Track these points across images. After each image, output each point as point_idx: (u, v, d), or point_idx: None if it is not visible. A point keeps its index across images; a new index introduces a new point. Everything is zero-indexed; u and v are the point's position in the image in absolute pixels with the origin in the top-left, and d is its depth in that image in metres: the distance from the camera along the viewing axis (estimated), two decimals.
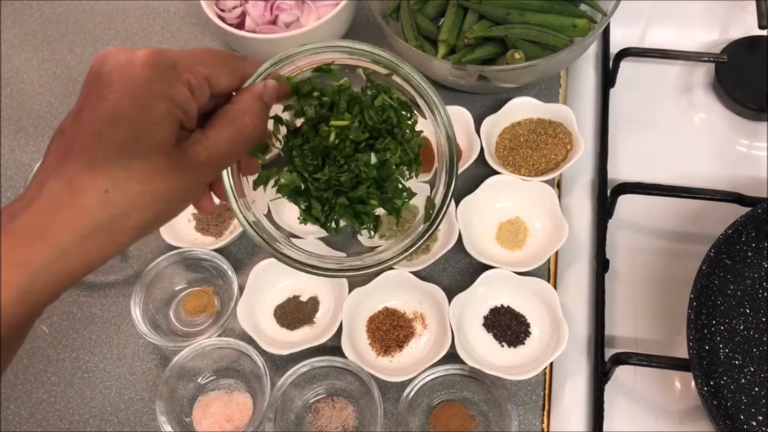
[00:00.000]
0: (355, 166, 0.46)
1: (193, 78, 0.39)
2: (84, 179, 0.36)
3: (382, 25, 0.77)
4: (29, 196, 0.37)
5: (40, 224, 0.36)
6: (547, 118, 0.77)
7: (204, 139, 0.40)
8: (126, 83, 0.37)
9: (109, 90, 0.37)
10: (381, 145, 0.47)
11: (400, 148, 0.48)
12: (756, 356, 0.62)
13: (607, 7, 0.76)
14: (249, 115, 0.42)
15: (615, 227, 0.73)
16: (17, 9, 0.97)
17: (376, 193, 0.47)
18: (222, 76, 0.42)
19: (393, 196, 0.49)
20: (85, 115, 0.37)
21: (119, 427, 0.68)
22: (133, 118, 0.37)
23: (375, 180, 0.47)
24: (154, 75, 0.37)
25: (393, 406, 0.65)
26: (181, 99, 0.38)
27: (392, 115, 0.48)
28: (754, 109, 0.77)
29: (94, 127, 0.37)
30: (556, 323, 0.65)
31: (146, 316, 0.70)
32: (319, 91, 0.48)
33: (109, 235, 0.37)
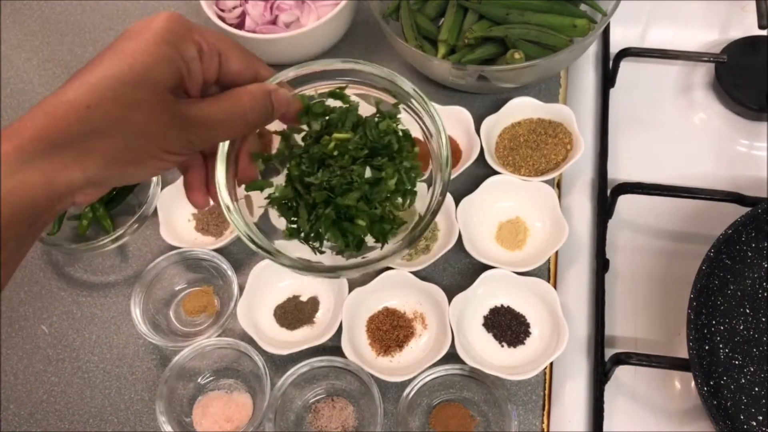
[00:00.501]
0: (348, 173, 0.46)
1: (205, 43, 0.40)
2: (71, 93, 0.37)
3: (382, 25, 0.77)
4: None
5: (18, 129, 0.36)
6: (547, 118, 0.77)
7: (199, 101, 0.41)
8: (141, 30, 0.38)
9: (126, 36, 0.38)
10: (378, 162, 0.47)
11: (396, 174, 0.48)
12: (756, 356, 0.62)
13: (607, 7, 0.76)
14: (250, 96, 0.42)
15: (615, 227, 0.73)
16: (17, 9, 0.97)
17: (365, 209, 0.47)
18: (233, 59, 0.43)
19: (383, 218, 0.48)
20: (99, 54, 0.39)
21: (119, 427, 0.68)
22: (135, 54, 0.37)
23: (366, 195, 0.47)
24: (168, 26, 0.38)
25: (393, 406, 0.65)
26: (186, 54, 0.39)
27: (393, 140, 0.48)
28: (754, 109, 0.77)
29: (101, 59, 0.38)
30: (556, 323, 0.65)
31: (146, 316, 0.70)
32: (328, 113, 0.49)
33: (78, 152, 0.36)
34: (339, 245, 0.49)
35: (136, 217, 0.74)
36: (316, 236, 0.49)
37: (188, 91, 0.41)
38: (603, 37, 0.84)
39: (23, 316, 0.74)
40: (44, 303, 0.75)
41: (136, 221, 0.74)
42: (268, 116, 0.44)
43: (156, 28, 0.38)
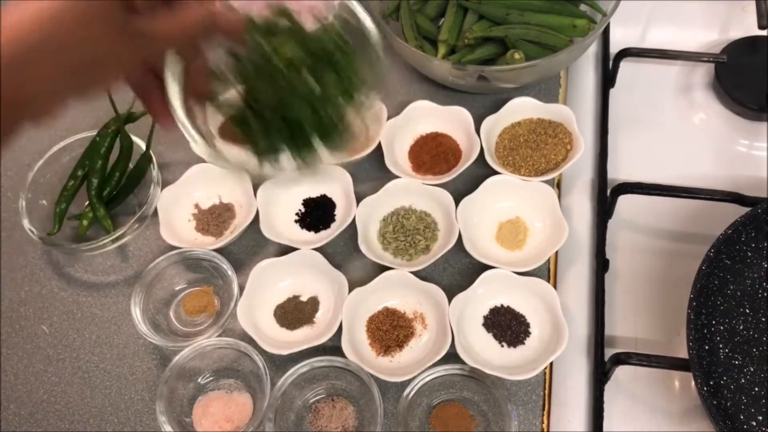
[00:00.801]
0: (294, 86, 0.48)
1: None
2: (30, 6, 0.38)
3: (382, 25, 0.77)
4: None
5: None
6: (547, 118, 0.77)
7: (147, 17, 0.42)
8: None
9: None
10: (320, 74, 0.49)
11: (340, 81, 0.50)
12: (756, 356, 0.62)
13: (607, 7, 0.76)
14: (196, 14, 0.44)
15: (615, 227, 0.73)
16: None
17: (314, 118, 0.49)
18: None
19: (333, 123, 0.50)
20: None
21: (119, 427, 0.68)
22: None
23: (313, 106, 0.49)
24: None
25: (393, 406, 0.65)
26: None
27: (338, 55, 0.50)
28: (754, 109, 0.77)
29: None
30: (555, 323, 0.65)
31: (146, 316, 0.70)
32: (274, 31, 0.50)
33: (36, 63, 0.37)
34: (294, 157, 0.50)
35: (136, 217, 0.74)
36: (272, 149, 0.50)
37: (135, 4, 0.42)
38: (603, 38, 0.85)
39: (23, 316, 0.74)
40: (44, 303, 0.75)
41: (136, 221, 0.74)
42: (209, 32, 0.45)
43: None
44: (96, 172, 0.77)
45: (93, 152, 0.77)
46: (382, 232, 0.73)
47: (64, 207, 0.77)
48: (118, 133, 0.78)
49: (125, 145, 0.79)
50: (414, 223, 0.72)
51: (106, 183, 0.78)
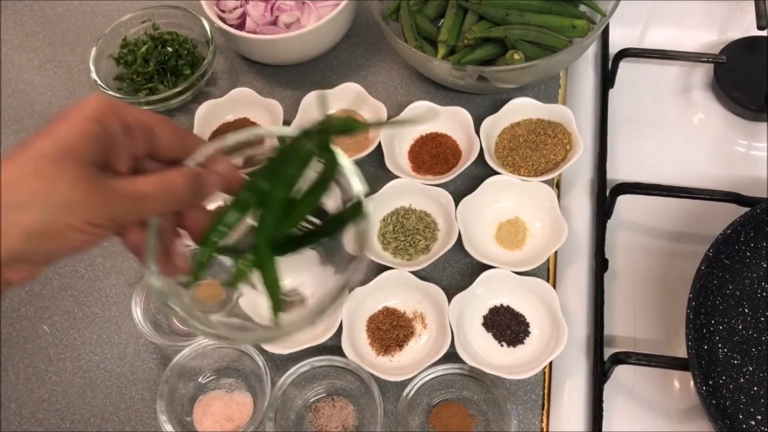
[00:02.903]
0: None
1: (133, 121, 0.41)
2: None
3: (382, 25, 0.77)
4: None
5: None
6: (546, 118, 0.77)
7: (128, 177, 0.41)
8: (68, 112, 0.39)
9: (54, 119, 0.39)
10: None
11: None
12: (755, 356, 0.62)
13: (607, 8, 0.76)
14: (180, 174, 0.42)
15: (614, 227, 0.73)
16: (17, 9, 0.97)
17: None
18: (165, 136, 0.43)
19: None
20: (27, 138, 0.39)
21: (120, 426, 0.68)
22: (60, 131, 0.38)
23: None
24: (94, 105, 0.39)
25: (393, 406, 0.65)
26: (113, 128, 0.40)
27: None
28: (753, 110, 0.77)
29: (28, 141, 0.38)
30: (555, 323, 0.66)
31: (147, 316, 0.70)
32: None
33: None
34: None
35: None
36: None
37: (117, 167, 0.41)
38: (602, 38, 0.85)
39: (24, 315, 0.74)
40: (45, 302, 0.75)
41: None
42: (197, 193, 0.44)
43: (83, 108, 0.39)
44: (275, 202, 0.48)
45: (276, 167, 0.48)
46: (382, 231, 0.73)
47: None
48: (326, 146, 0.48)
49: (329, 163, 0.47)
50: (414, 223, 0.72)
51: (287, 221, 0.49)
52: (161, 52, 0.85)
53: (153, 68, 0.84)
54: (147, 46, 0.86)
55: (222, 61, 0.90)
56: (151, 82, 0.85)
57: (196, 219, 0.46)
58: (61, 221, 0.37)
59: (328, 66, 0.87)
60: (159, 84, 0.84)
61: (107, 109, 0.40)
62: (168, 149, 0.44)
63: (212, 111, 0.81)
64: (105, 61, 0.86)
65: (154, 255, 0.45)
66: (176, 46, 0.86)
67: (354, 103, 0.71)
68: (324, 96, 0.46)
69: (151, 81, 0.85)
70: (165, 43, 0.87)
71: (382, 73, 0.86)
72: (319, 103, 0.46)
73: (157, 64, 0.85)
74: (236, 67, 0.89)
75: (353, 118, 0.46)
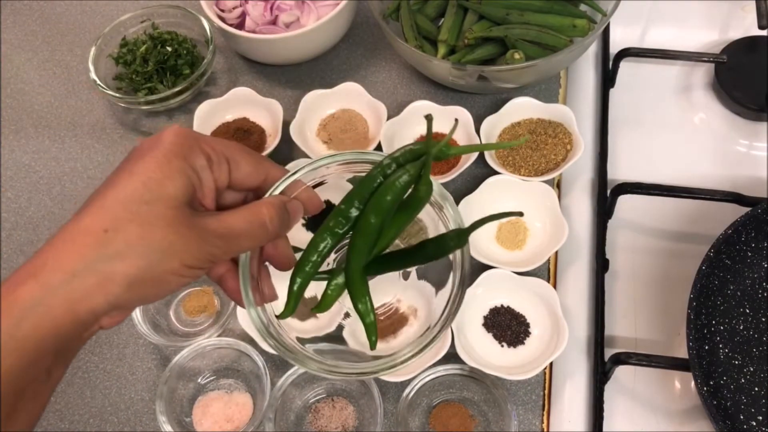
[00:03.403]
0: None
1: (213, 152, 0.41)
2: (87, 219, 0.36)
3: (382, 25, 0.77)
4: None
5: (37, 263, 0.35)
6: (546, 118, 0.77)
7: (218, 214, 0.40)
8: (149, 147, 0.38)
9: (135, 155, 0.39)
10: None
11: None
12: (756, 356, 0.62)
13: (607, 8, 0.76)
14: (268, 205, 0.42)
15: (615, 227, 0.73)
16: (17, 9, 0.97)
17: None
18: (242, 163, 0.43)
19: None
20: (110, 177, 0.39)
21: (119, 427, 0.68)
22: (148, 172, 0.37)
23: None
24: (175, 140, 0.39)
25: (393, 406, 0.65)
26: (196, 163, 0.39)
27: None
28: (754, 109, 0.77)
29: (113, 181, 0.38)
30: (555, 323, 0.65)
31: (146, 316, 0.70)
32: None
33: (98, 277, 0.35)
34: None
35: None
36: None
37: (203, 201, 0.41)
38: (603, 38, 0.85)
39: None
40: None
41: None
42: (285, 224, 0.44)
43: (164, 143, 0.38)
44: (369, 229, 0.47)
45: (365, 190, 0.47)
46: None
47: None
48: (425, 178, 0.46)
49: (422, 191, 0.47)
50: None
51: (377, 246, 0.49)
52: (160, 51, 0.85)
53: (152, 68, 0.84)
54: (146, 45, 0.86)
55: (221, 60, 0.89)
56: (151, 82, 0.84)
57: (278, 248, 0.46)
58: (162, 267, 0.37)
59: (328, 66, 0.87)
60: (158, 84, 0.84)
61: (189, 142, 0.39)
62: (247, 178, 0.43)
63: (212, 110, 0.81)
64: (104, 60, 0.86)
65: (249, 290, 0.45)
66: (176, 46, 0.86)
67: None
68: (431, 123, 0.46)
69: (151, 81, 0.85)
70: (164, 42, 0.86)
71: (382, 73, 0.86)
72: (428, 124, 0.46)
73: (157, 63, 0.85)
74: (236, 67, 0.89)
75: (448, 145, 0.45)
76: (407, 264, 0.51)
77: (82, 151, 0.84)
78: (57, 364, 0.36)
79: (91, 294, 0.35)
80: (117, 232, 0.36)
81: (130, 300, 0.37)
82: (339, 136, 0.79)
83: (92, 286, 0.35)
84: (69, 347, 0.36)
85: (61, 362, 0.37)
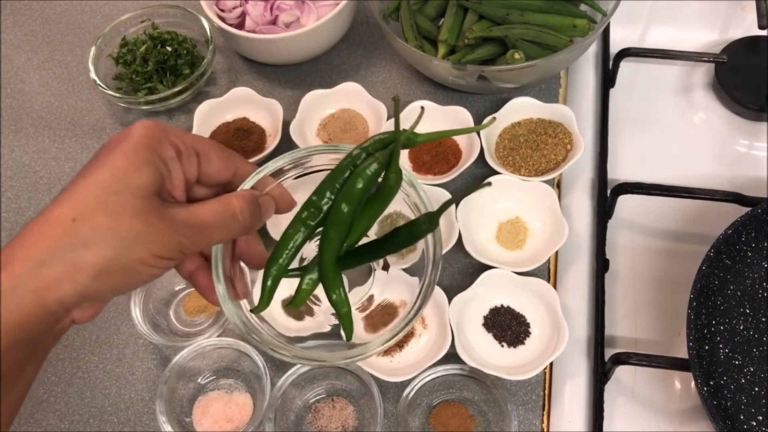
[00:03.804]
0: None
1: (182, 144, 0.41)
2: (56, 210, 0.37)
3: (382, 25, 0.77)
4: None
5: (6, 255, 0.36)
6: (547, 118, 0.77)
7: (187, 205, 0.41)
8: (119, 141, 0.39)
9: (104, 148, 0.39)
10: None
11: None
12: (756, 356, 0.62)
13: (607, 7, 0.76)
14: (239, 198, 0.42)
15: (615, 227, 0.73)
16: (17, 9, 0.97)
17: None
18: (213, 157, 0.43)
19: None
20: (80, 170, 0.39)
21: (119, 427, 0.68)
22: (117, 163, 0.38)
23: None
24: (144, 132, 0.39)
25: (393, 406, 0.65)
26: (165, 154, 0.40)
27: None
28: (754, 109, 0.77)
29: (83, 174, 0.38)
30: (556, 323, 0.65)
31: (146, 316, 0.70)
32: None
33: (65, 266, 0.35)
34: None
35: None
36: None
37: (173, 193, 0.41)
38: (603, 37, 0.85)
39: None
40: None
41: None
42: (257, 218, 0.44)
43: (133, 136, 0.39)
44: (341, 219, 0.47)
45: (336, 180, 0.47)
46: (382, 231, 0.73)
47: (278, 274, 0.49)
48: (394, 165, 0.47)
49: (392, 178, 0.47)
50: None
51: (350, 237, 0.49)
52: (160, 51, 0.85)
53: (152, 68, 0.84)
54: (146, 45, 0.86)
55: (221, 60, 0.89)
56: (151, 82, 0.84)
57: (250, 244, 0.46)
58: (130, 256, 0.37)
59: (328, 66, 0.87)
60: (158, 83, 0.84)
61: (157, 135, 0.39)
62: (217, 172, 0.43)
63: (212, 110, 0.81)
64: (104, 60, 0.86)
65: (223, 282, 0.44)
66: (175, 46, 0.86)
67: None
68: (398, 109, 0.46)
69: (151, 80, 0.85)
70: (164, 42, 0.86)
71: (382, 73, 0.86)
72: (396, 107, 0.46)
73: (157, 63, 0.85)
74: (236, 67, 0.89)
75: (415, 132, 0.45)
76: (381, 254, 0.50)
77: (82, 151, 0.84)
78: (30, 359, 0.36)
79: (59, 283, 0.35)
80: (85, 221, 0.36)
81: (100, 290, 0.37)
82: (339, 136, 0.79)
83: (60, 275, 0.35)
84: (40, 340, 0.36)
85: (35, 357, 0.37)
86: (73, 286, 0.36)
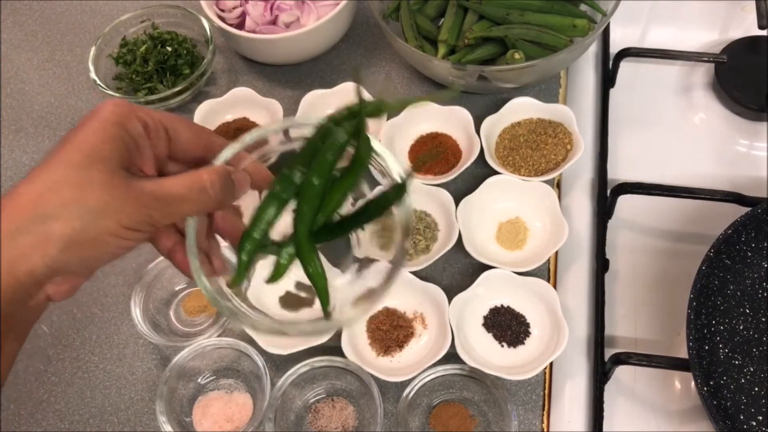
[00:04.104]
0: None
1: (150, 120, 0.41)
2: (23, 186, 0.37)
3: (382, 25, 0.77)
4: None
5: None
6: (547, 118, 0.77)
7: (157, 178, 0.41)
8: (87, 119, 0.40)
9: (74, 128, 0.40)
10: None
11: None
12: (756, 356, 0.62)
13: (607, 7, 0.76)
14: (209, 172, 0.42)
15: (615, 227, 0.73)
16: (17, 9, 0.97)
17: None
18: (182, 131, 0.43)
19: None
20: (50, 150, 0.39)
21: (119, 427, 0.68)
22: (82, 137, 0.38)
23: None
24: (111, 109, 0.40)
25: (393, 406, 0.65)
26: (132, 129, 0.40)
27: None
28: (754, 109, 0.77)
29: (51, 152, 0.39)
30: (555, 323, 0.65)
31: (146, 316, 0.70)
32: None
33: (33, 237, 0.36)
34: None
35: None
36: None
37: (142, 168, 0.41)
38: (603, 37, 0.85)
39: None
40: None
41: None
42: (230, 192, 0.44)
43: (101, 113, 0.39)
44: (312, 192, 0.46)
45: (307, 153, 0.47)
46: (380, 242, 0.73)
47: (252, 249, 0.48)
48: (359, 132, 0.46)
49: (362, 148, 0.46)
50: (414, 223, 0.72)
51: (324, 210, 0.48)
52: (160, 51, 0.85)
53: (152, 68, 0.84)
54: (146, 45, 0.86)
55: (221, 60, 0.89)
56: (151, 82, 0.84)
57: (227, 220, 0.46)
58: (97, 227, 0.37)
59: (328, 66, 0.87)
60: (158, 83, 0.84)
61: (124, 111, 0.40)
62: (188, 148, 0.44)
63: (212, 110, 0.81)
64: (104, 60, 0.86)
65: (197, 256, 0.44)
66: (175, 46, 0.86)
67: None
68: (360, 79, 0.45)
69: (151, 80, 0.85)
70: (164, 42, 0.86)
71: (382, 73, 0.86)
72: (356, 90, 0.46)
73: (157, 63, 0.85)
74: (236, 67, 0.89)
75: (382, 100, 0.45)
76: (354, 226, 0.50)
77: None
78: (7, 334, 0.37)
79: (28, 254, 0.36)
80: (52, 194, 0.36)
81: (69, 262, 0.37)
82: None
83: (28, 247, 0.36)
84: (15, 313, 0.37)
85: (11, 332, 0.37)
86: (41, 259, 0.36)
